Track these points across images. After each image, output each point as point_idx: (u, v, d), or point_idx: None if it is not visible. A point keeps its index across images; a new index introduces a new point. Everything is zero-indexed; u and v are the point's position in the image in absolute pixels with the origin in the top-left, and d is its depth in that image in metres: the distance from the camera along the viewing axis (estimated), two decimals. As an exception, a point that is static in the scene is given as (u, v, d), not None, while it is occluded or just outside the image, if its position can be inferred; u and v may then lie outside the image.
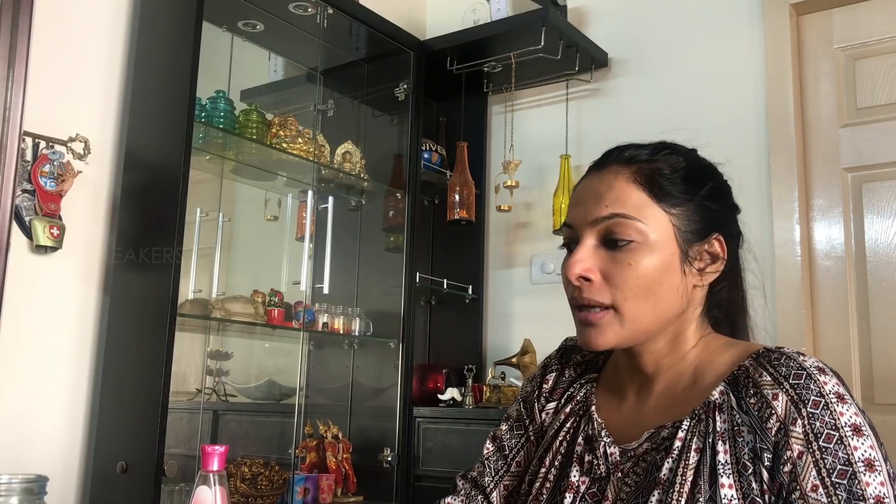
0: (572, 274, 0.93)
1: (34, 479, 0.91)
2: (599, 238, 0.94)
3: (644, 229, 0.92)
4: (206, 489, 0.85)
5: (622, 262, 0.92)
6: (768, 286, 2.34)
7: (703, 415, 0.89)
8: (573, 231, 0.96)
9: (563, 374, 1.10)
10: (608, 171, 0.96)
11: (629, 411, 0.99)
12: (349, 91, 2.81)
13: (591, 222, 0.94)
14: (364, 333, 2.54)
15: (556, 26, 2.55)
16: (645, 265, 0.92)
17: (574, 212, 0.97)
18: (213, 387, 2.38)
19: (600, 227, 0.93)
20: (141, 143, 2.05)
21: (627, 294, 0.92)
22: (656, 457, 0.91)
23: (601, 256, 0.93)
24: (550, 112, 2.86)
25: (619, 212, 0.93)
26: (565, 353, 1.12)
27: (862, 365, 2.25)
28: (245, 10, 2.38)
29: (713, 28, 2.57)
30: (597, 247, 0.94)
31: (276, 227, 2.64)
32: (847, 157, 2.35)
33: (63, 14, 1.98)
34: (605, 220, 0.93)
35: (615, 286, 0.92)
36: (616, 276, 0.92)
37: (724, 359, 0.94)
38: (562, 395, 1.07)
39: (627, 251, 0.92)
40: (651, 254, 0.92)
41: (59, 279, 1.94)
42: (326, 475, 2.31)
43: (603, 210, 0.93)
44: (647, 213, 0.93)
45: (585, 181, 0.99)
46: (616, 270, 0.92)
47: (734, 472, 0.85)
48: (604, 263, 0.93)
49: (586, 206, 0.95)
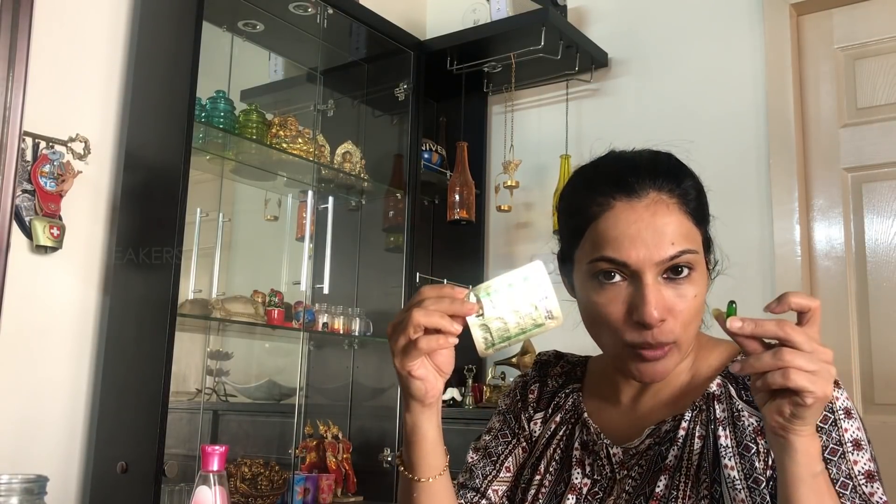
0: (653, 319, 0.88)
1: (34, 479, 0.91)
2: (660, 274, 0.90)
3: (699, 259, 0.92)
4: (206, 489, 0.85)
5: (687, 296, 0.90)
6: (768, 286, 2.34)
7: (704, 405, 0.93)
8: (626, 268, 0.90)
9: (546, 384, 1.11)
10: (651, 200, 0.91)
11: (624, 413, 1.01)
12: (349, 91, 2.81)
13: (658, 262, 0.89)
14: (364, 333, 2.54)
15: (556, 26, 2.55)
16: (700, 292, 0.92)
17: (632, 251, 0.89)
18: (213, 387, 2.38)
19: (665, 265, 0.90)
20: (141, 143, 2.05)
21: (689, 326, 0.91)
22: (660, 449, 0.94)
23: (665, 292, 0.90)
24: (550, 112, 2.86)
25: (685, 248, 0.90)
26: (542, 366, 1.13)
27: (862, 365, 2.25)
28: (245, 10, 2.38)
29: (713, 28, 2.57)
30: (660, 283, 0.90)
31: (276, 227, 2.64)
32: (847, 157, 2.35)
33: (63, 14, 1.98)
34: (673, 258, 0.89)
35: (682, 321, 0.90)
36: (683, 311, 0.90)
37: (715, 355, 0.99)
38: (548, 405, 1.08)
39: (688, 282, 0.90)
40: (701, 278, 0.92)
41: (59, 279, 1.94)
42: (326, 475, 2.31)
43: (669, 249, 0.89)
44: (697, 241, 0.93)
45: (628, 213, 0.91)
46: (682, 305, 0.90)
47: (735, 454, 0.89)
48: (670, 299, 0.90)
49: (647, 244, 0.89)
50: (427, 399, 0.87)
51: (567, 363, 1.13)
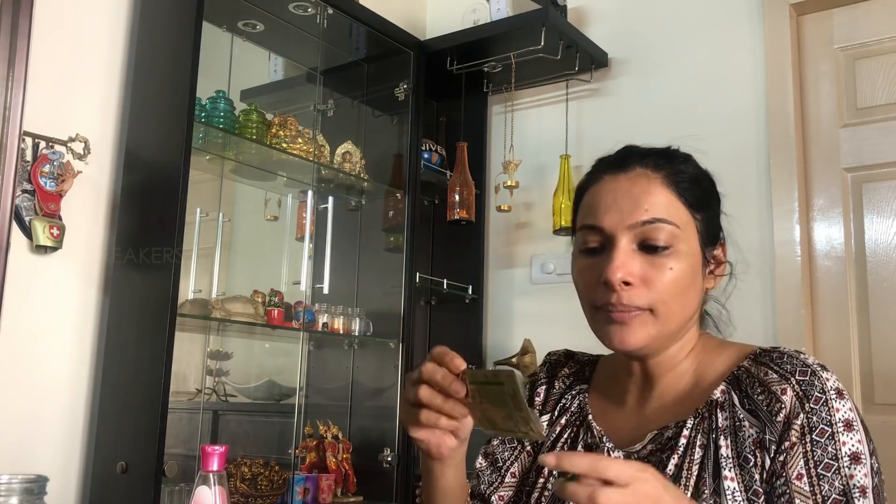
0: (615, 279, 0.90)
1: (34, 479, 0.91)
2: (636, 242, 0.92)
3: (679, 234, 0.93)
4: (206, 489, 0.85)
5: (662, 267, 0.92)
6: (768, 286, 2.34)
7: (706, 413, 0.92)
8: (602, 234, 0.94)
9: (553, 386, 1.11)
10: (635, 174, 0.95)
11: (629, 416, 1.01)
12: (349, 91, 2.81)
13: (630, 226, 0.92)
14: (364, 333, 2.54)
15: (556, 26, 2.55)
16: (681, 269, 0.93)
17: (606, 215, 0.93)
18: (213, 387, 2.38)
19: (638, 231, 0.92)
20: (141, 143, 2.05)
21: (665, 297, 0.92)
22: (661, 456, 0.93)
23: (639, 260, 0.92)
24: (550, 112, 2.86)
25: (659, 216, 0.92)
26: (551, 367, 1.13)
27: (862, 365, 2.25)
28: (245, 10, 2.38)
29: (713, 28, 2.57)
30: (634, 250, 0.92)
31: (276, 227, 2.64)
32: (847, 157, 2.35)
33: (63, 14, 1.98)
34: (645, 224, 0.92)
35: (655, 290, 0.91)
36: (656, 281, 0.91)
37: (721, 359, 0.97)
38: (554, 406, 1.09)
39: (666, 255, 0.92)
40: (685, 258, 0.93)
41: (59, 279, 1.94)
42: (326, 475, 2.31)
43: (642, 214, 0.92)
44: (680, 218, 0.94)
45: (610, 183, 0.96)
46: (656, 275, 0.91)
47: (735, 465, 0.88)
48: (642, 268, 0.92)
49: (621, 209, 0.93)
50: (433, 454, 0.90)
51: (576, 363, 1.12)
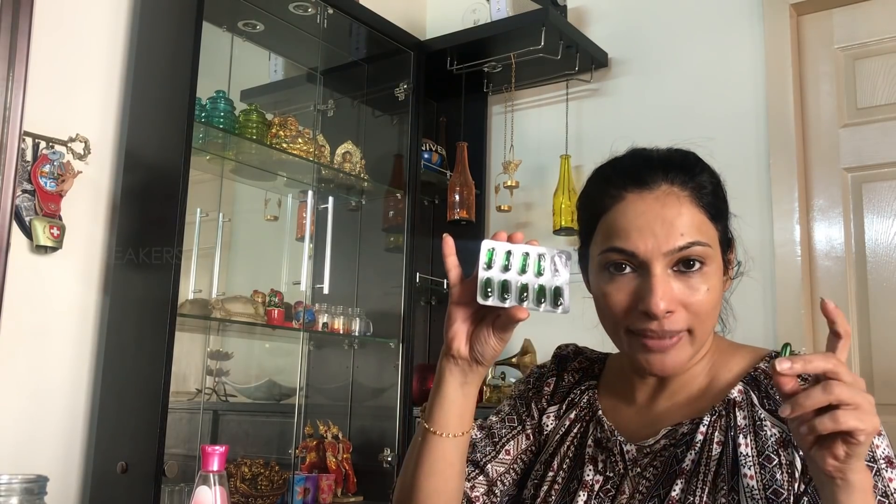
0: (659, 310, 0.88)
1: (34, 479, 0.91)
2: (671, 266, 0.90)
3: (711, 252, 0.92)
4: (206, 489, 0.85)
5: (697, 288, 0.90)
6: (768, 286, 2.34)
7: (724, 411, 0.92)
8: (634, 258, 0.91)
9: (563, 379, 1.11)
10: (662, 192, 0.92)
11: (639, 412, 1.01)
12: (349, 91, 2.81)
13: (666, 253, 0.89)
14: (364, 333, 2.54)
15: (556, 26, 2.55)
16: (714, 286, 0.92)
17: (640, 241, 0.90)
18: (213, 387, 2.38)
19: (675, 257, 0.90)
20: (141, 143, 2.05)
21: (703, 317, 0.91)
22: (676, 451, 0.93)
23: (675, 285, 0.90)
24: (550, 112, 2.86)
25: (694, 239, 0.90)
26: (560, 361, 1.13)
27: (862, 365, 2.25)
28: (245, 10, 2.38)
29: (713, 28, 2.57)
30: (669, 275, 0.90)
31: (276, 227, 2.64)
32: (847, 157, 2.35)
33: (63, 14, 1.98)
34: (682, 249, 0.90)
35: (693, 312, 0.90)
36: (694, 303, 0.90)
37: (736, 360, 0.97)
38: (562, 399, 1.08)
39: (700, 275, 0.90)
40: (715, 273, 0.92)
41: (59, 279, 1.94)
42: (326, 475, 2.31)
43: (678, 239, 0.89)
44: (710, 236, 0.92)
45: (638, 204, 0.92)
46: (693, 297, 0.90)
47: (756, 463, 0.88)
48: (680, 291, 0.90)
49: (655, 234, 0.90)
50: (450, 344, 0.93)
51: (586, 359, 1.12)
